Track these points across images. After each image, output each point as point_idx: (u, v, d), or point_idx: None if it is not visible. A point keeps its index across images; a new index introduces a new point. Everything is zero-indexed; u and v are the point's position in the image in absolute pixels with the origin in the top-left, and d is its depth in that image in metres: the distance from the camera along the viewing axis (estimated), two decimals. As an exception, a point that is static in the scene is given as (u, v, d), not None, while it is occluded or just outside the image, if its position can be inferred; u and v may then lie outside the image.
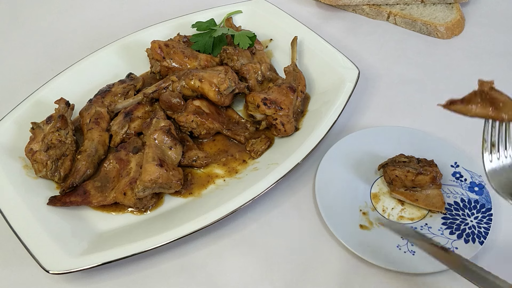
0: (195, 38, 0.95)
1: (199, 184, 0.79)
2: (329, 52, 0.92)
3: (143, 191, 0.73)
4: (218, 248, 0.73)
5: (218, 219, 0.71)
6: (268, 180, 0.74)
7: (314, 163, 0.81)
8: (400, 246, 0.70)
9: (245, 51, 0.92)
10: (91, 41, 1.04)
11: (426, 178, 0.73)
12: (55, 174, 0.78)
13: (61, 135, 0.80)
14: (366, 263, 0.69)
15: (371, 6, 1.08)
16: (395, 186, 0.75)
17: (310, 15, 1.10)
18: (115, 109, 0.87)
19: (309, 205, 0.77)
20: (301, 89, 0.87)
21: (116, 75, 0.94)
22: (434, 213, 0.74)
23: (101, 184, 0.78)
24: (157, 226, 0.72)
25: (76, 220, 0.75)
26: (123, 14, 1.15)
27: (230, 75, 0.83)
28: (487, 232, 0.69)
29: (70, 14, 1.17)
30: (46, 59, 1.05)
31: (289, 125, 0.81)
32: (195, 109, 0.83)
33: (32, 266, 0.67)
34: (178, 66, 0.89)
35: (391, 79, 0.96)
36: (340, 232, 0.70)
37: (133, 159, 0.78)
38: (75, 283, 0.70)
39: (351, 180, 0.78)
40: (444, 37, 1.03)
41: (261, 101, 0.81)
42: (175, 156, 0.78)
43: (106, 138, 0.83)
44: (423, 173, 0.73)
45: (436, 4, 1.07)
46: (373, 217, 0.74)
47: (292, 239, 0.74)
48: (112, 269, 0.71)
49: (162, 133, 0.78)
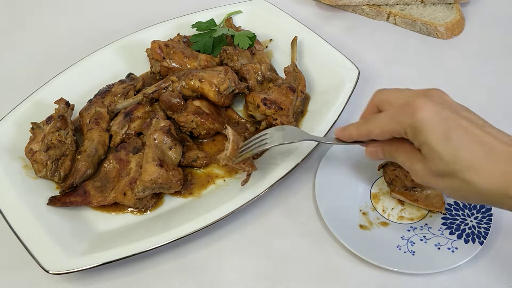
0: (195, 38, 0.95)
1: (199, 184, 0.79)
2: (329, 52, 0.92)
3: (143, 191, 0.73)
4: (218, 248, 0.73)
5: (218, 219, 0.71)
6: (268, 180, 0.74)
7: (314, 163, 0.81)
8: (400, 246, 0.70)
9: (245, 51, 0.92)
10: (91, 41, 1.04)
11: (426, 178, 0.73)
12: (55, 174, 0.78)
13: (61, 135, 0.80)
14: (366, 263, 0.69)
15: (371, 6, 1.08)
16: (395, 186, 0.75)
17: (310, 15, 1.10)
18: (115, 109, 0.87)
19: (309, 205, 0.77)
20: (301, 89, 0.87)
21: (116, 75, 0.94)
22: (434, 213, 0.74)
23: (101, 184, 0.78)
24: (157, 226, 0.72)
25: (76, 220, 0.75)
26: (123, 14, 1.15)
27: (230, 75, 0.83)
28: (487, 232, 0.69)
29: (70, 14, 1.17)
30: (46, 59, 1.05)
31: (289, 125, 0.81)
32: (195, 109, 0.83)
33: (32, 266, 0.67)
34: (178, 66, 0.89)
35: (391, 79, 0.96)
36: (340, 232, 0.70)
37: (133, 159, 0.78)
38: (75, 283, 0.70)
39: (351, 180, 0.78)
40: (444, 37, 1.03)
41: (261, 101, 0.81)
42: (175, 156, 0.78)
43: (106, 138, 0.83)
44: (423, 173, 0.73)
45: (436, 4, 1.07)
46: (373, 217, 0.74)
47: (292, 239, 0.74)
48: (112, 269, 0.71)
49: (162, 133, 0.78)
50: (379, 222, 0.73)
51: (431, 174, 0.55)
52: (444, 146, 0.52)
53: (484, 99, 0.91)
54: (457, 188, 0.54)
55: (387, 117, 0.58)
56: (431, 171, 0.55)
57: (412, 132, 0.54)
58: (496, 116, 0.89)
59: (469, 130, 0.52)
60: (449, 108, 0.54)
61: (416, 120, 0.53)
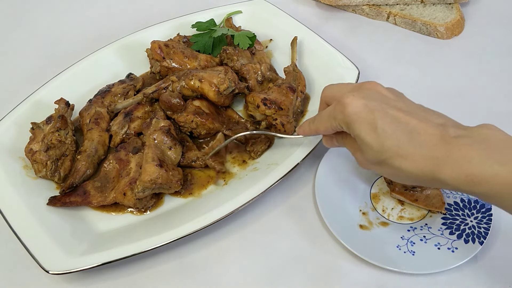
0: (195, 38, 0.95)
1: (199, 184, 0.79)
2: (329, 52, 0.92)
3: (142, 191, 0.73)
4: (218, 248, 0.73)
5: (218, 219, 0.71)
6: (268, 180, 0.74)
7: (314, 163, 0.81)
8: (400, 246, 0.70)
9: (245, 51, 0.92)
10: (91, 41, 1.04)
11: (426, 178, 0.73)
12: (55, 174, 0.78)
13: (61, 135, 0.80)
14: (366, 263, 0.69)
15: (371, 6, 1.08)
16: (395, 186, 0.75)
17: (310, 15, 1.10)
18: (115, 109, 0.87)
19: (309, 205, 0.77)
20: (301, 89, 0.87)
21: (116, 75, 0.93)
22: (434, 213, 0.74)
23: (101, 184, 0.78)
24: (157, 226, 0.72)
25: (76, 220, 0.75)
26: (123, 14, 1.15)
27: (230, 75, 0.83)
28: (487, 232, 0.69)
29: (70, 14, 1.17)
30: (46, 59, 1.05)
31: (289, 125, 0.81)
32: (195, 109, 0.83)
33: (32, 266, 0.67)
34: (178, 66, 0.89)
35: (391, 79, 0.96)
36: (340, 232, 0.70)
37: (133, 159, 0.78)
38: (75, 283, 0.70)
39: (351, 180, 0.78)
40: (444, 37, 1.03)
41: (261, 101, 0.81)
42: (175, 156, 0.78)
43: (106, 138, 0.83)
44: (423, 173, 0.73)
45: (436, 4, 1.07)
46: (373, 217, 0.74)
47: (292, 239, 0.74)
48: (112, 269, 0.71)
49: (161, 133, 0.78)
50: (379, 222, 0.73)
51: (368, 162, 0.59)
52: (371, 137, 0.55)
53: (484, 99, 0.91)
54: (392, 173, 0.57)
55: (326, 114, 0.62)
56: (367, 160, 0.58)
57: (346, 126, 0.59)
58: (496, 116, 0.89)
59: (396, 118, 0.55)
60: (378, 100, 0.57)
61: (345, 116, 0.57)
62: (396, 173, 0.56)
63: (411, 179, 0.56)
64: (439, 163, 0.52)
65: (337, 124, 0.60)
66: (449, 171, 0.52)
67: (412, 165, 0.54)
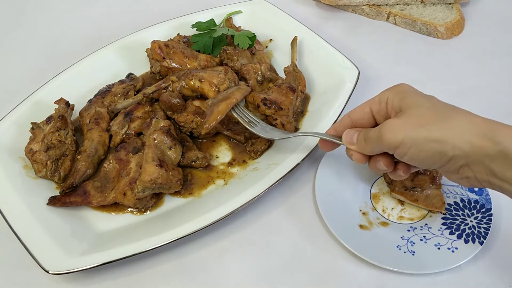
0: (195, 38, 0.95)
1: (199, 184, 0.79)
2: (329, 52, 0.92)
3: (142, 191, 0.73)
4: (218, 248, 0.73)
5: (218, 219, 0.71)
6: (268, 180, 0.74)
7: (314, 163, 0.81)
8: (400, 246, 0.70)
9: (245, 51, 0.92)
10: (91, 41, 1.04)
11: (426, 178, 0.73)
12: (55, 174, 0.78)
13: (61, 135, 0.80)
14: (366, 263, 0.69)
15: (371, 6, 1.08)
16: (395, 186, 0.75)
17: (310, 15, 1.10)
18: (115, 109, 0.87)
19: (309, 205, 0.77)
20: (301, 89, 0.87)
21: (116, 75, 0.94)
22: (434, 213, 0.74)
23: (101, 184, 0.78)
24: (157, 226, 0.72)
25: (76, 220, 0.75)
26: (123, 14, 1.15)
27: (230, 75, 0.83)
28: (487, 232, 0.69)
29: (70, 14, 1.17)
30: (46, 59, 1.05)
31: (289, 125, 0.81)
32: (195, 109, 0.83)
33: (32, 266, 0.67)
34: (178, 66, 0.89)
35: (391, 79, 0.96)
36: (340, 232, 0.70)
37: (133, 159, 0.78)
38: (75, 283, 0.70)
39: (351, 180, 0.78)
40: (444, 37, 1.03)
41: (261, 101, 0.81)
42: (175, 156, 0.78)
43: (106, 138, 0.83)
44: (423, 173, 0.73)
45: (436, 4, 1.07)
46: (373, 217, 0.74)
47: (292, 239, 0.74)
48: (112, 269, 0.71)
49: (161, 133, 0.78)
50: (379, 222, 0.73)
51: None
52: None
53: (484, 99, 0.91)
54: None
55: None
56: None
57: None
58: (496, 116, 0.89)
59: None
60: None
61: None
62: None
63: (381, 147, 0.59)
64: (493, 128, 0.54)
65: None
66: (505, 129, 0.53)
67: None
